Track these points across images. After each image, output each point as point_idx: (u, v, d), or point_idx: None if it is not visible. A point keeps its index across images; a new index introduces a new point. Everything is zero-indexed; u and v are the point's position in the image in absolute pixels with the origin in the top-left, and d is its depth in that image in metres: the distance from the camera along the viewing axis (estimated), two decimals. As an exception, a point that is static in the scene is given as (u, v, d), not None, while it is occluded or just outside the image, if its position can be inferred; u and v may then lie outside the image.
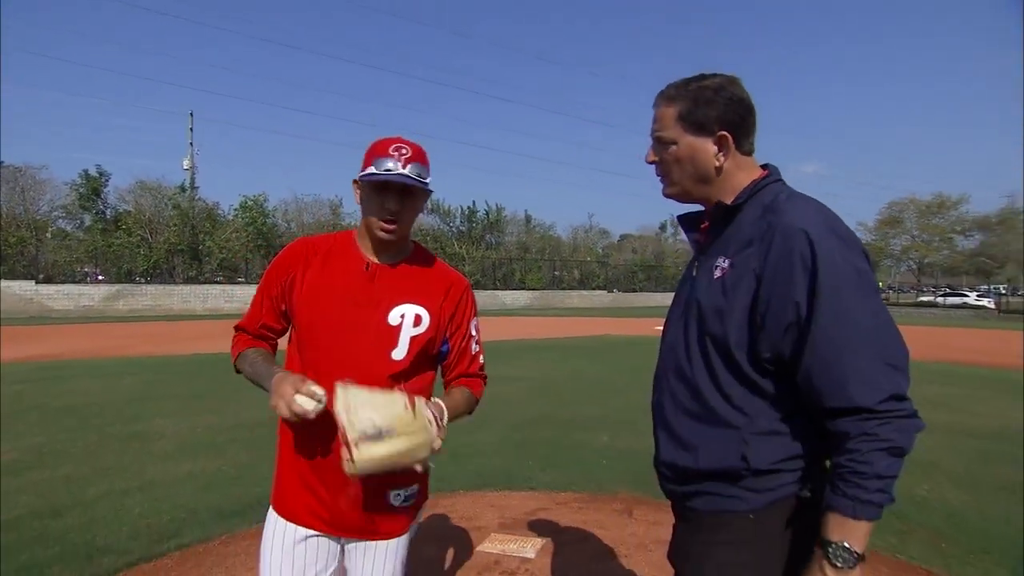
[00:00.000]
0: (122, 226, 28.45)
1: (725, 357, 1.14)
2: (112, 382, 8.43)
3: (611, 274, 43.99)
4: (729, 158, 1.20)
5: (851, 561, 1.01)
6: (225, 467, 4.50)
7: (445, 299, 1.53)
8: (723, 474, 1.14)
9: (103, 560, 2.99)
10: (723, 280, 1.15)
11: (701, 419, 1.17)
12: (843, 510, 1.01)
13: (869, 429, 1.01)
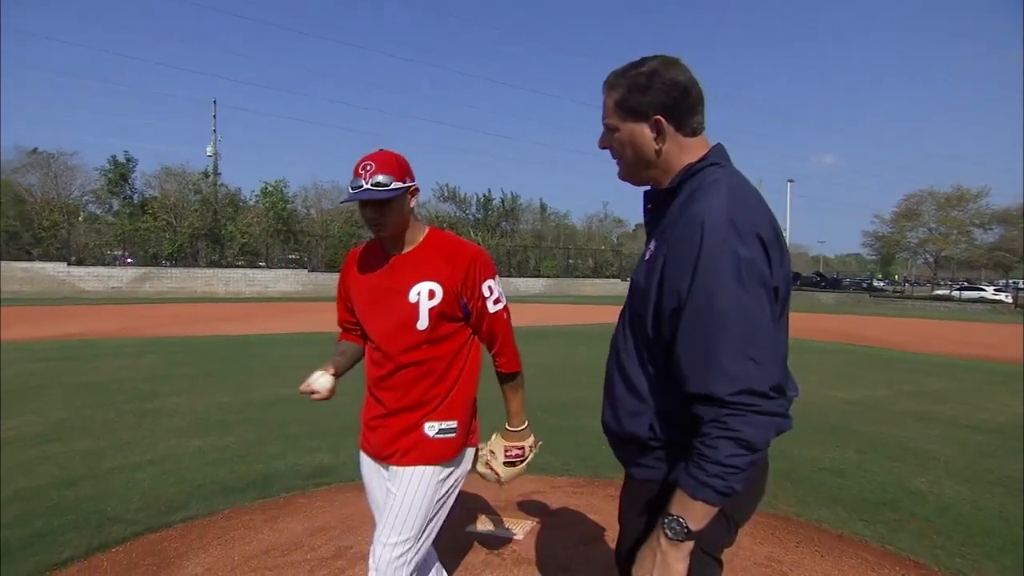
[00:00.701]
0: (148, 211, 28.93)
1: (643, 335, 1.19)
2: (134, 361, 8.62)
3: (625, 263, 43.73)
4: (668, 141, 1.21)
5: (681, 534, 1.05)
6: (233, 444, 4.58)
7: (454, 270, 1.73)
8: (639, 443, 1.21)
9: (112, 529, 3.08)
10: (649, 263, 1.18)
11: (626, 389, 1.23)
12: (685, 487, 1.05)
13: (720, 417, 1.02)
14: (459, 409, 1.76)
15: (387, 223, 1.70)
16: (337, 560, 2.78)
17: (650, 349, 1.18)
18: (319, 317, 17.05)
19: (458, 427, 1.76)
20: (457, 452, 1.77)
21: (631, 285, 1.26)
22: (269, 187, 31.95)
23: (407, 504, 1.69)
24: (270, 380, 7.27)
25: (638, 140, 1.23)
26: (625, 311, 1.27)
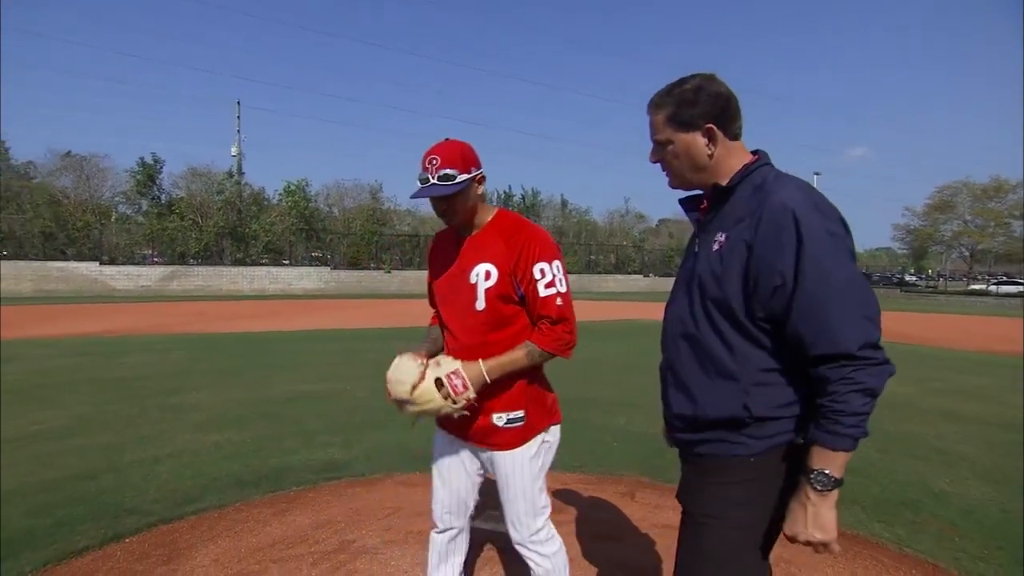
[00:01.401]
0: (175, 210, 29.57)
1: (726, 317, 1.28)
2: (159, 357, 8.83)
3: (647, 258, 43.32)
4: (719, 146, 1.36)
5: (829, 484, 1.19)
6: (249, 439, 4.66)
7: (509, 251, 1.78)
8: (728, 422, 1.29)
9: (127, 520, 3.15)
10: (720, 251, 1.30)
11: (708, 374, 1.32)
12: (824, 443, 1.18)
13: (846, 374, 1.15)
14: (524, 398, 1.82)
15: (455, 213, 1.80)
16: (340, 554, 2.81)
17: (740, 330, 1.28)
18: (341, 314, 17.27)
19: (525, 416, 1.83)
20: (531, 438, 1.86)
21: (697, 280, 1.35)
22: (292, 186, 32.39)
23: (516, 491, 1.86)
24: (289, 376, 7.38)
25: (693, 148, 1.38)
26: (691, 303, 1.36)
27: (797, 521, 1.23)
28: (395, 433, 4.88)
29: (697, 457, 1.38)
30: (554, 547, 1.94)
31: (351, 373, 7.65)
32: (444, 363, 1.78)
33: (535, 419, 1.86)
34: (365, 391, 6.56)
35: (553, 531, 1.96)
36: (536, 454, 1.87)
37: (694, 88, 1.35)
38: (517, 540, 1.92)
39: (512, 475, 1.85)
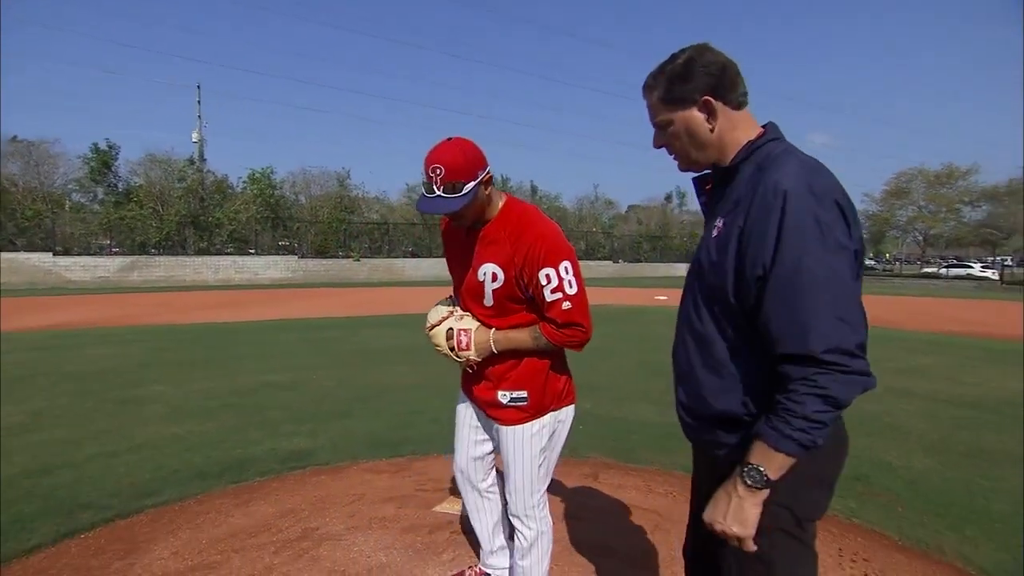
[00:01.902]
0: (134, 199, 28.55)
1: (724, 309, 1.21)
2: (119, 349, 8.57)
3: (616, 245, 43.71)
4: (720, 118, 1.26)
5: (760, 482, 1.11)
6: (212, 430, 4.58)
7: (515, 253, 1.78)
8: (730, 419, 1.23)
9: (83, 515, 3.07)
10: (718, 238, 1.22)
11: (709, 368, 1.26)
12: (766, 438, 1.10)
13: (809, 375, 1.07)
14: (528, 380, 1.89)
15: (466, 218, 1.82)
16: (303, 541, 2.79)
17: (734, 323, 1.21)
18: (308, 303, 17.00)
19: (529, 396, 1.90)
20: (531, 417, 1.92)
21: (696, 265, 1.31)
22: (256, 174, 31.62)
23: (515, 464, 1.95)
24: (255, 367, 7.26)
25: (692, 125, 1.28)
26: (694, 293, 1.31)
27: (718, 509, 1.19)
28: (362, 422, 4.87)
29: (707, 454, 1.34)
30: (543, 527, 2.04)
31: (317, 363, 7.57)
32: (465, 320, 1.93)
33: (540, 401, 1.92)
34: (332, 380, 6.50)
35: (546, 512, 2.05)
36: (538, 433, 1.94)
37: (685, 61, 1.26)
38: (511, 510, 2.02)
39: (513, 450, 1.94)
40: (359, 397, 5.72)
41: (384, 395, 5.83)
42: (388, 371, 7.05)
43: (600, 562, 2.64)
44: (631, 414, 5.18)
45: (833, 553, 2.73)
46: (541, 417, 1.94)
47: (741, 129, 1.28)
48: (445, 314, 1.97)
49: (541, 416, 1.94)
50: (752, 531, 1.15)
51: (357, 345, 9.20)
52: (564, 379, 1.99)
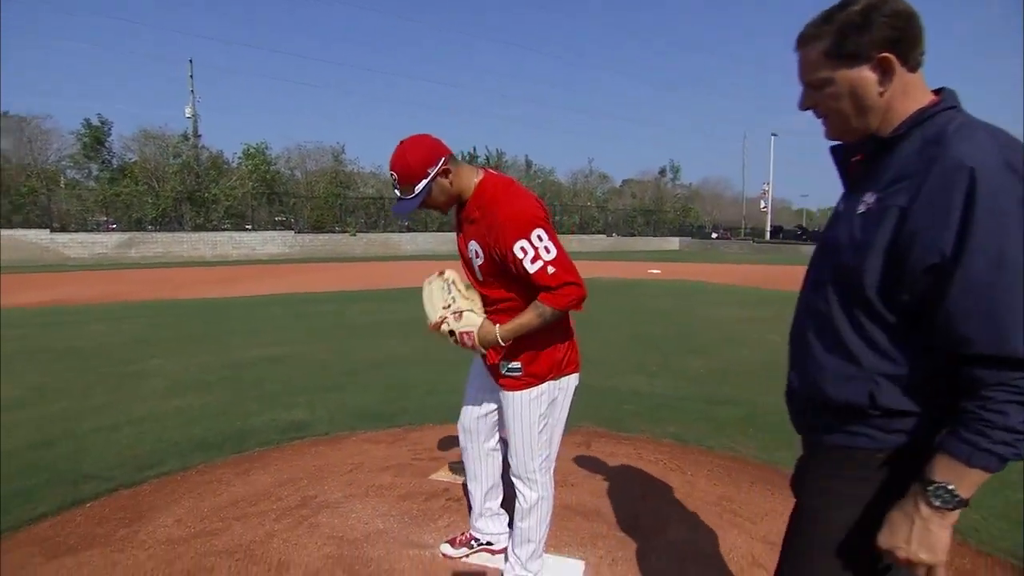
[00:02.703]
0: (128, 175, 28.16)
1: (860, 295, 1.07)
2: (117, 325, 8.56)
3: (610, 219, 43.57)
4: (895, 81, 1.07)
5: (950, 503, 0.97)
6: (211, 403, 4.60)
7: (488, 233, 1.85)
8: (851, 410, 1.10)
9: (87, 486, 3.11)
10: (865, 216, 1.06)
11: (831, 354, 1.13)
12: (957, 454, 0.96)
13: (1009, 380, 0.92)
14: (523, 352, 1.94)
15: (438, 208, 1.97)
16: (302, 509, 2.84)
17: (870, 311, 1.06)
18: (304, 278, 16.96)
19: (522, 368, 1.96)
20: (528, 385, 1.98)
21: (830, 243, 1.16)
22: (251, 149, 31.18)
23: (514, 428, 2.03)
24: (252, 341, 7.27)
25: (860, 87, 1.09)
26: (822, 274, 1.17)
27: (898, 533, 1.02)
28: (358, 394, 4.90)
29: (817, 445, 1.21)
30: (543, 492, 2.09)
31: (314, 337, 7.59)
32: (465, 318, 1.95)
33: (535, 370, 1.98)
34: (328, 353, 6.52)
35: (548, 478, 2.11)
36: (537, 399, 2.00)
37: (863, 9, 1.05)
38: (513, 472, 2.10)
39: (513, 415, 2.03)
40: (355, 370, 5.75)
41: (379, 368, 5.86)
42: (383, 344, 7.08)
43: (590, 526, 2.69)
44: (622, 384, 5.23)
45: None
46: (541, 385, 1.99)
47: (912, 95, 1.09)
48: (442, 309, 1.99)
49: (539, 384, 1.99)
50: (943, 557, 1.00)
51: (353, 319, 9.21)
52: (564, 348, 2.02)
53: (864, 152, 1.16)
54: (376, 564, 2.35)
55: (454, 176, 1.90)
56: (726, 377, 5.51)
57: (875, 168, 1.11)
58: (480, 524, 2.42)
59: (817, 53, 1.11)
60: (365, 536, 2.58)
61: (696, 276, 17.44)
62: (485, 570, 2.33)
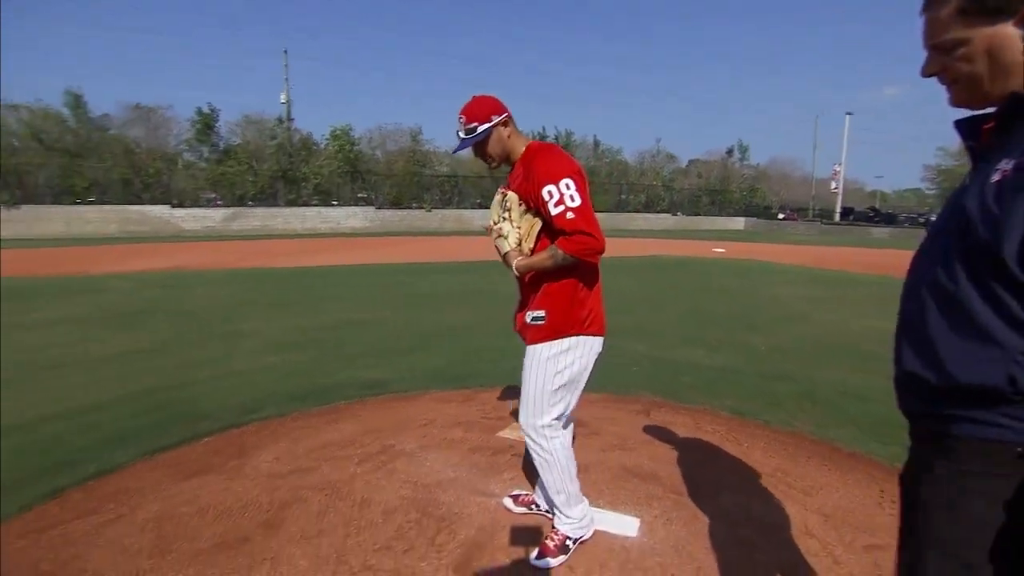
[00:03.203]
0: (233, 156, 29.94)
1: (994, 268, 0.92)
2: (223, 289, 9.24)
3: (676, 198, 42.08)
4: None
5: None
6: (301, 360, 4.92)
7: (526, 182, 1.91)
8: (984, 394, 0.95)
9: (202, 424, 3.44)
10: (1001, 183, 0.92)
11: (960, 333, 0.97)
12: None
13: None
14: (547, 301, 1.96)
15: (490, 156, 2.02)
16: (381, 455, 3.01)
17: (1011, 286, 0.91)
18: (384, 250, 17.53)
19: (546, 316, 1.96)
20: (548, 337, 1.97)
21: (958, 215, 1.00)
22: (337, 131, 32.24)
23: (528, 382, 2.02)
24: (336, 306, 7.65)
25: (1000, 45, 0.94)
26: (945, 247, 1.01)
27: None
28: (431, 357, 5.08)
29: (934, 434, 1.04)
30: (550, 449, 2.05)
31: (392, 304, 7.88)
32: (499, 242, 2.05)
33: (556, 322, 1.96)
34: (405, 320, 6.77)
35: (553, 437, 2.06)
36: (554, 357, 1.97)
37: None
38: (522, 424, 2.08)
39: (529, 367, 2.01)
40: (429, 334, 5.95)
41: (451, 333, 6.03)
42: (455, 312, 7.26)
43: (646, 487, 2.69)
44: (681, 357, 5.13)
45: (874, 495, 2.67)
46: (559, 340, 1.96)
47: None
48: (492, 221, 2.09)
49: (559, 339, 1.96)
50: None
51: (427, 288, 9.47)
52: (589, 308, 2.00)
53: (997, 117, 0.99)
54: (447, 507, 2.48)
55: (511, 132, 2.01)
56: (786, 354, 5.29)
57: (1011, 134, 0.96)
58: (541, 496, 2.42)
59: (949, 12, 0.97)
60: (437, 482, 2.71)
61: (761, 256, 16.62)
62: (542, 525, 2.40)
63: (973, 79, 0.99)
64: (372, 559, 2.10)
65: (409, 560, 2.10)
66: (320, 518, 2.39)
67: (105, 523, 2.37)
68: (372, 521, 2.36)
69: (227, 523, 2.36)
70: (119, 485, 2.71)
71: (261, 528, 2.32)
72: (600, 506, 2.47)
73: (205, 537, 2.26)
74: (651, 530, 2.32)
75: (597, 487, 2.65)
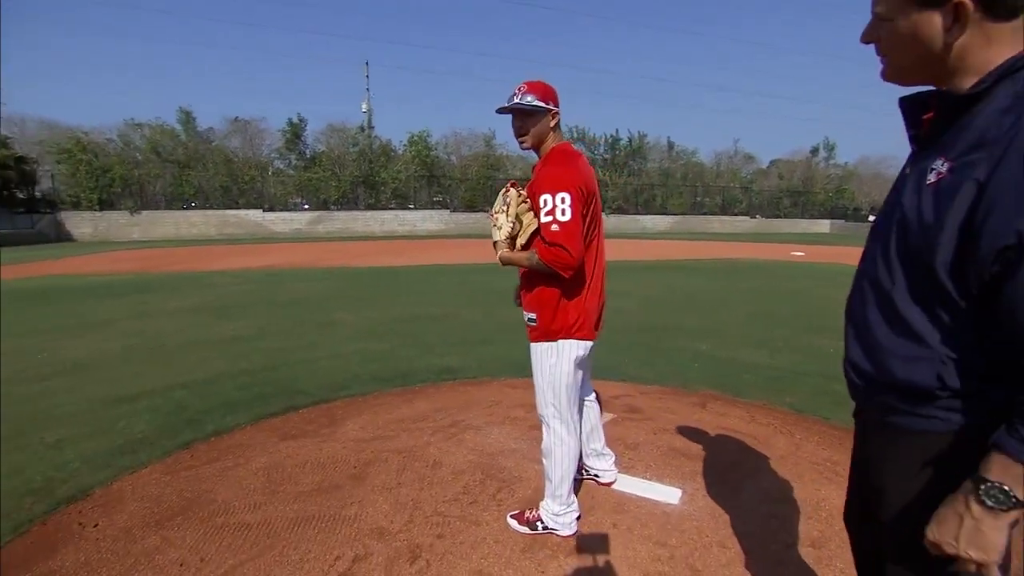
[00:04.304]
0: (318, 163, 32.09)
1: (927, 273, 0.94)
2: (312, 285, 10.10)
3: (754, 200, 40.41)
4: (970, 31, 0.90)
5: (1006, 503, 0.86)
6: (383, 348, 5.42)
7: (533, 179, 2.04)
8: (917, 390, 1.00)
9: (299, 398, 3.96)
10: (937, 187, 0.92)
11: (896, 330, 1.01)
12: (1011, 451, 0.86)
13: None
14: (536, 306, 2.10)
15: (527, 134, 2.07)
16: (452, 428, 3.38)
17: (940, 292, 0.94)
18: (458, 251, 18.21)
19: (537, 319, 2.10)
20: (540, 339, 2.11)
21: (897, 213, 1.02)
22: (415, 137, 33.73)
23: (534, 375, 2.19)
24: (414, 301, 8.21)
25: (924, 32, 0.93)
26: (887, 245, 1.04)
27: (946, 530, 0.93)
28: (501, 348, 5.42)
29: (881, 424, 1.11)
30: (557, 436, 2.20)
31: (467, 300, 8.33)
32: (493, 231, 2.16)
33: (545, 326, 2.10)
34: (477, 314, 7.18)
35: (564, 428, 2.20)
36: (546, 352, 2.12)
37: None
38: (537, 411, 2.27)
39: (533, 364, 2.19)
40: (499, 328, 6.30)
41: (520, 328, 6.32)
42: (523, 310, 7.57)
43: (692, 465, 2.88)
44: (744, 357, 5.16)
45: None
46: (549, 343, 2.11)
47: (1001, 43, 0.90)
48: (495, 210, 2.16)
49: (548, 341, 2.11)
50: (996, 557, 0.90)
51: (499, 286, 9.86)
52: (577, 314, 2.09)
53: (936, 109, 1.00)
54: (508, 471, 2.79)
55: (554, 126, 2.09)
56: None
57: (950, 129, 0.96)
58: (588, 462, 2.68)
59: None
60: (500, 451, 3.03)
61: (846, 260, 15.77)
62: (588, 489, 2.63)
63: (897, 58, 1.01)
64: (442, 507, 2.45)
65: (473, 510, 2.43)
66: (399, 474, 2.77)
67: (226, 469, 2.88)
68: (443, 478, 2.72)
69: (322, 474, 2.79)
70: (234, 442, 3.24)
71: (350, 479, 2.73)
72: (647, 478, 2.69)
73: (305, 483, 2.70)
74: (691, 499, 2.52)
75: (644, 462, 2.87)
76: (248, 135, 35.09)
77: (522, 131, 2.07)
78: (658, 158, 43.51)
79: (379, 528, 2.31)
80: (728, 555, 2.12)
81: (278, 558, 2.12)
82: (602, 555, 2.13)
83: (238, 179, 31.04)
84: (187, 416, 3.62)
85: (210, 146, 33.30)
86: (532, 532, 2.27)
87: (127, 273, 12.25)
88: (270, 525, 2.35)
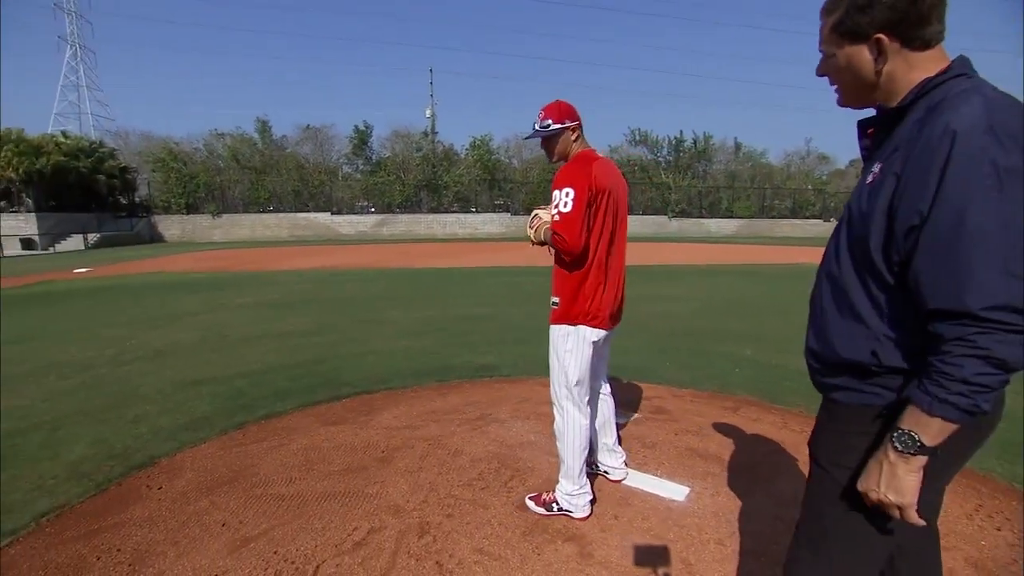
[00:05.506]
0: (383, 167, 33.42)
1: (866, 260, 1.09)
2: (369, 285, 10.63)
3: (828, 202, 38.28)
4: (893, 60, 1.08)
5: (912, 448, 1.00)
6: (426, 346, 5.69)
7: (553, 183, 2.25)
8: (856, 367, 1.13)
9: (344, 389, 4.26)
10: (872, 184, 1.09)
11: (843, 314, 1.15)
12: (919, 403, 0.99)
13: (966, 335, 0.93)
14: (560, 290, 2.31)
15: (551, 151, 2.36)
16: (478, 420, 3.56)
17: (875, 274, 1.09)
18: (515, 254, 18.48)
19: (560, 302, 2.30)
20: (559, 321, 2.31)
21: (846, 212, 1.18)
22: (477, 141, 34.48)
23: (550, 356, 2.39)
24: (464, 302, 8.49)
25: (856, 63, 1.12)
26: (840, 239, 1.19)
27: (871, 477, 1.08)
28: (541, 347, 5.55)
29: (831, 403, 1.23)
30: (567, 421, 2.36)
31: (515, 302, 8.52)
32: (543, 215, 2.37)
33: (567, 310, 2.30)
34: (519, 315, 7.35)
35: (570, 408, 2.36)
36: (563, 336, 2.31)
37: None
38: (550, 394, 2.43)
39: (551, 346, 2.37)
40: (539, 329, 6.35)
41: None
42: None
43: (705, 465, 2.90)
44: (791, 363, 5.02)
45: (969, 508, 2.59)
46: (565, 325, 2.30)
47: (920, 68, 1.07)
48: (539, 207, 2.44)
49: (565, 324, 2.30)
50: (911, 499, 1.03)
51: (543, 288, 9.93)
52: (594, 303, 2.27)
53: (876, 124, 1.19)
54: (523, 462, 2.94)
55: (576, 139, 2.33)
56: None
57: (884, 139, 1.14)
58: (598, 457, 2.75)
59: (828, 26, 1.15)
60: (519, 443, 3.18)
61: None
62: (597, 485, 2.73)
63: (844, 87, 1.19)
64: (456, 491, 2.63)
65: (484, 495, 2.59)
66: (421, 459, 2.98)
67: (271, 448, 3.19)
68: (461, 465, 2.90)
69: (353, 456, 3.05)
70: (281, 425, 3.56)
71: (376, 462, 2.96)
72: (657, 475, 2.75)
73: (336, 463, 2.96)
74: (698, 498, 2.56)
75: (658, 460, 2.93)
76: (318, 141, 37.09)
77: (548, 151, 2.37)
78: (724, 159, 42.14)
79: (396, 505, 2.52)
80: (724, 552, 2.16)
81: (304, 525, 2.37)
82: (597, 543, 2.22)
83: (308, 183, 32.86)
84: (243, 401, 4.00)
85: (284, 153, 35.42)
86: (548, 513, 2.41)
87: (206, 272, 13.36)
88: (301, 497, 2.61)
